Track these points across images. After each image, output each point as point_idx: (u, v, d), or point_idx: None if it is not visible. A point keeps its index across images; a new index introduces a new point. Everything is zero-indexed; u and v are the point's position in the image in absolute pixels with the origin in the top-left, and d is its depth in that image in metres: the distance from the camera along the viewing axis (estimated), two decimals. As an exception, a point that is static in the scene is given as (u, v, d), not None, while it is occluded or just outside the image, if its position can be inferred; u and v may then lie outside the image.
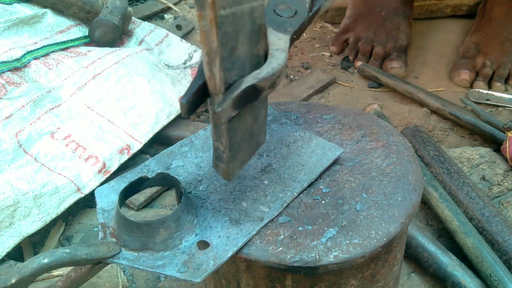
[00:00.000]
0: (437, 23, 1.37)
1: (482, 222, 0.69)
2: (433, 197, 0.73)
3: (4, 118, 0.79)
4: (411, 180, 0.48)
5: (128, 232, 0.43)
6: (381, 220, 0.44)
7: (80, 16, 1.02)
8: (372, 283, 0.48)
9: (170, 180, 0.47)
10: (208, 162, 0.51)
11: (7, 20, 0.92)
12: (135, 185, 0.47)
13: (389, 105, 1.05)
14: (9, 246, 0.69)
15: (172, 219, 0.42)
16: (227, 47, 0.35)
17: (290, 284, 0.45)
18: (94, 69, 0.91)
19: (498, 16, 1.18)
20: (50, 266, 0.40)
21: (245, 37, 0.37)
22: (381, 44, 1.18)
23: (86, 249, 0.41)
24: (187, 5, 1.36)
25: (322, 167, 0.49)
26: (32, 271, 0.39)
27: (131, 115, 0.88)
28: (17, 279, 0.39)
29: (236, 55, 0.36)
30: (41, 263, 0.40)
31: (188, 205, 0.44)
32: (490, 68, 1.11)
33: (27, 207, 0.72)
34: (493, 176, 0.80)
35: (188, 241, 0.43)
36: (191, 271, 0.40)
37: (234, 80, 0.37)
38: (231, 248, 0.42)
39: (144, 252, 0.42)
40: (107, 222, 0.45)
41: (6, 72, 0.86)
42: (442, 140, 0.95)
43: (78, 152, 0.80)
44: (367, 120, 0.57)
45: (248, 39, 0.37)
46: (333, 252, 0.42)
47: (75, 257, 0.41)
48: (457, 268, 0.64)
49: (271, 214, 0.45)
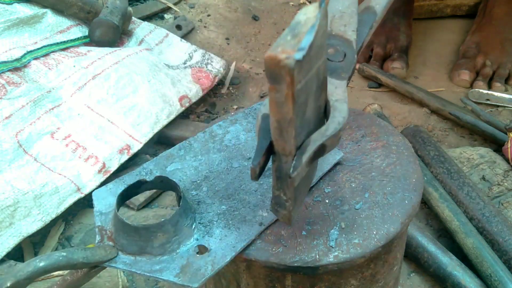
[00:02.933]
0: (437, 23, 1.37)
1: (482, 222, 0.69)
2: (433, 197, 0.73)
3: (4, 118, 0.79)
4: (411, 180, 0.48)
5: (126, 236, 0.42)
6: (381, 220, 0.44)
7: (80, 16, 1.02)
8: (372, 283, 0.48)
9: (168, 183, 0.47)
10: (207, 165, 0.51)
11: (7, 20, 0.92)
12: (133, 188, 0.46)
13: (389, 105, 1.05)
14: (9, 246, 0.69)
15: (170, 223, 0.42)
16: (299, 115, 0.33)
17: (290, 284, 0.45)
18: (94, 69, 0.91)
19: (498, 16, 1.18)
20: (46, 269, 0.39)
21: (312, 98, 0.35)
22: (381, 45, 1.18)
23: (83, 253, 0.41)
24: (187, 5, 1.36)
25: (321, 171, 0.49)
26: (28, 275, 0.39)
27: (131, 115, 0.88)
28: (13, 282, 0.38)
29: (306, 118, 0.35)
30: (37, 266, 0.39)
31: (186, 209, 0.44)
32: (490, 68, 1.11)
33: (27, 207, 0.72)
34: (493, 176, 0.80)
35: (186, 245, 0.43)
36: (189, 276, 0.40)
37: (302, 139, 0.35)
38: (230, 253, 0.42)
39: (142, 256, 0.42)
40: (104, 225, 0.45)
41: (6, 72, 0.86)
42: (442, 140, 0.95)
43: (78, 152, 0.80)
44: (367, 120, 0.57)
45: (314, 97, 0.35)
46: (333, 252, 0.42)
47: (71, 260, 0.40)
48: (457, 268, 0.64)
49: (270, 219, 0.44)
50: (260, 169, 0.36)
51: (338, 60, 0.41)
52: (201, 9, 1.38)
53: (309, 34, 0.29)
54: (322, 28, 0.31)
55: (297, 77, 0.29)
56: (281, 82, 0.29)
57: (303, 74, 0.30)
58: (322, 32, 0.31)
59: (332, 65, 0.40)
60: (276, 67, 0.28)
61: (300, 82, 0.30)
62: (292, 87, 0.29)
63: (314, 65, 0.32)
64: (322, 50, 0.33)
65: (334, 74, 0.40)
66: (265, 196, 0.47)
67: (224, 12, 1.38)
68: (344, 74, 0.40)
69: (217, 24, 1.33)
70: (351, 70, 0.41)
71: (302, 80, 0.31)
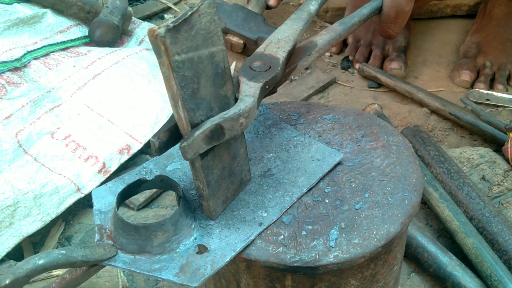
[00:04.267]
0: (437, 23, 1.37)
1: (482, 222, 0.69)
2: (433, 197, 0.73)
3: (4, 118, 0.79)
4: (411, 180, 0.48)
5: (125, 235, 0.42)
6: (381, 220, 0.44)
7: (80, 16, 1.02)
8: (372, 283, 0.48)
9: (168, 182, 0.47)
10: None
11: (7, 20, 0.92)
12: (133, 187, 0.46)
13: (389, 105, 1.05)
14: (9, 246, 0.69)
15: (170, 222, 0.42)
16: (187, 89, 0.38)
17: (290, 284, 0.45)
18: (94, 69, 0.91)
19: (498, 16, 1.18)
20: (45, 267, 0.39)
21: (208, 80, 0.40)
22: (379, 47, 1.18)
23: (82, 251, 0.41)
24: (187, 5, 1.36)
25: (321, 172, 0.49)
26: (26, 272, 0.39)
27: (131, 115, 0.88)
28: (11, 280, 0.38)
29: (200, 96, 0.39)
30: (36, 264, 0.39)
31: (186, 209, 0.44)
32: (490, 69, 1.11)
33: (27, 207, 0.72)
34: (493, 176, 0.80)
35: (186, 245, 0.43)
36: (188, 276, 0.40)
37: (201, 120, 0.40)
38: (229, 253, 0.42)
39: (141, 255, 0.42)
40: (104, 224, 0.45)
41: (6, 72, 0.86)
42: (442, 140, 0.95)
43: (78, 152, 0.80)
44: (367, 120, 0.57)
45: (212, 81, 0.40)
46: (333, 252, 0.42)
47: (70, 258, 0.40)
48: (457, 268, 0.64)
49: (270, 219, 0.44)
50: (161, 145, 0.41)
51: (261, 70, 0.48)
52: (201, 9, 1.37)
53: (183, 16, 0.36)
54: (208, 15, 0.38)
55: (172, 47, 0.36)
56: (161, 52, 0.36)
57: (181, 48, 0.36)
58: (209, 19, 0.38)
59: (255, 73, 0.47)
60: (152, 37, 0.35)
61: (179, 54, 0.36)
62: (168, 55, 0.35)
63: (203, 48, 0.38)
64: (213, 37, 0.39)
65: (254, 79, 0.46)
66: (265, 196, 0.47)
67: (224, 12, 1.38)
68: (262, 79, 0.47)
69: (217, 24, 1.33)
70: (270, 78, 0.47)
71: (182, 54, 0.37)
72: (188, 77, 0.38)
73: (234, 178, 0.46)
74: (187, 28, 0.37)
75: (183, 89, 0.38)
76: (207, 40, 0.39)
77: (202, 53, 0.39)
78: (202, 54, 0.39)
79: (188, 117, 0.39)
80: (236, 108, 0.41)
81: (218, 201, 0.44)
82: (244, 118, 0.41)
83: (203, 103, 0.40)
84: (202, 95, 0.40)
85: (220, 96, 0.42)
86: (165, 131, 0.41)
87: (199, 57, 0.38)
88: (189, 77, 0.38)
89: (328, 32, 0.57)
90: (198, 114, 0.40)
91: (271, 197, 0.47)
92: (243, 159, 0.47)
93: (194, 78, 0.38)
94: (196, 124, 0.40)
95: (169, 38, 0.35)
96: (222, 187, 0.45)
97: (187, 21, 0.36)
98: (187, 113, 0.39)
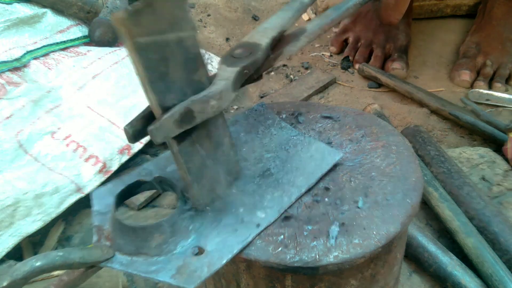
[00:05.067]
0: (437, 23, 1.37)
1: (483, 222, 0.69)
2: (433, 197, 0.73)
3: (4, 118, 0.79)
4: (411, 180, 0.48)
5: (123, 236, 0.42)
6: (381, 220, 0.44)
7: (80, 16, 1.02)
8: (372, 283, 0.48)
9: (167, 183, 0.47)
10: None
11: (7, 20, 0.93)
12: (132, 188, 0.46)
13: (389, 105, 1.05)
14: (9, 246, 0.69)
15: (167, 223, 0.42)
16: (154, 72, 0.38)
17: (290, 284, 0.45)
18: (94, 69, 0.91)
19: (498, 16, 1.18)
20: (43, 269, 0.39)
21: (178, 64, 0.40)
22: (380, 46, 1.18)
23: (80, 253, 0.41)
24: (187, 5, 1.36)
25: (321, 172, 0.49)
26: (24, 274, 0.39)
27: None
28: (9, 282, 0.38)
29: (169, 80, 0.39)
30: (33, 266, 0.39)
31: (184, 210, 0.44)
32: (490, 68, 1.11)
33: (27, 207, 0.72)
34: (493, 176, 0.80)
35: (183, 246, 0.42)
36: (185, 277, 0.40)
37: (174, 104, 0.40)
38: (226, 255, 0.41)
39: (138, 257, 0.42)
40: (102, 225, 0.45)
41: (6, 72, 0.86)
42: (441, 140, 0.95)
43: (79, 152, 0.80)
44: (367, 120, 0.57)
45: (183, 66, 0.40)
46: (333, 252, 0.42)
47: (68, 260, 0.40)
48: (457, 268, 0.64)
49: (268, 220, 0.44)
50: (135, 133, 0.41)
51: (241, 56, 0.47)
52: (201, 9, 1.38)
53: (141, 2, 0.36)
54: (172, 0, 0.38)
55: (134, 29, 0.36)
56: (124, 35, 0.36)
57: (144, 31, 0.37)
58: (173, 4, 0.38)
59: (235, 60, 0.47)
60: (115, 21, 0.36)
61: (142, 37, 0.37)
62: (130, 36, 0.36)
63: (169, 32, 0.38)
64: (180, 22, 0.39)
65: (233, 65, 0.46)
66: (264, 197, 0.47)
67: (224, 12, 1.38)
68: (240, 64, 0.46)
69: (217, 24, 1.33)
70: (249, 62, 0.47)
71: (146, 36, 0.37)
72: (153, 60, 0.38)
73: (221, 167, 0.46)
74: (149, 11, 0.37)
75: (149, 71, 0.38)
76: (174, 25, 0.39)
77: (169, 37, 0.39)
78: (169, 38, 0.39)
79: (157, 100, 0.39)
80: (206, 91, 0.41)
81: (203, 190, 0.44)
82: (215, 100, 0.41)
83: (174, 87, 0.40)
84: (172, 78, 0.40)
85: (194, 82, 0.42)
86: (139, 119, 0.41)
87: (165, 40, 0.38)
88: (155, 59, 0.38)
89: (319, 18, 0.57)
90: (170, 98, 0.40)
91: (269, 198, 0.47)
92: (228, 149, 0.46)
93: (161, 61, 0.38)
94: (168, 108, 0.40)
95: (130, 20, 0.36)
96: (206, 176, 0.44)
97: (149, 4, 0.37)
98: (156, 95, 0.39)
